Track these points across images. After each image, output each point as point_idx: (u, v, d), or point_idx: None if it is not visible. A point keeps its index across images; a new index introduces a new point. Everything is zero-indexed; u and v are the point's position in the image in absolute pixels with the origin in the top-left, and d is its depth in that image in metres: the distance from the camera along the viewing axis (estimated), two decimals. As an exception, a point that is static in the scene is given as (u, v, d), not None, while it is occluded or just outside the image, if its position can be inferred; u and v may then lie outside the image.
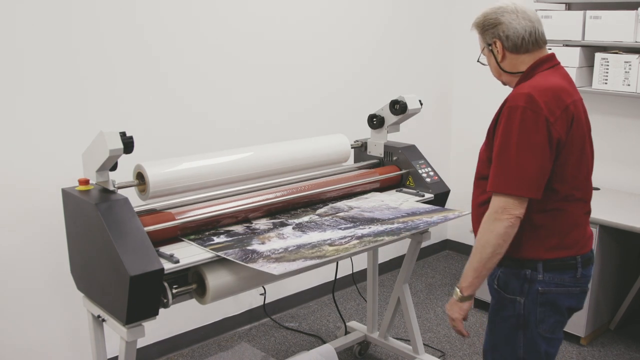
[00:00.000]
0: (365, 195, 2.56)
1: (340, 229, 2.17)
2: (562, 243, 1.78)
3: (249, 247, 1.98)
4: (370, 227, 2.18)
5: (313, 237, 2.09)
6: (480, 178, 1.85)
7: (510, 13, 1.78)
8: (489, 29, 1.81)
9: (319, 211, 2.37)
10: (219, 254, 1.91)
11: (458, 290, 1.82)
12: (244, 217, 2.22)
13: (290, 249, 1.97)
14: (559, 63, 1.84)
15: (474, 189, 1.91)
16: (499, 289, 1.86)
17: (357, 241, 2.04)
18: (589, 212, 1.88)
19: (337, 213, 2.34)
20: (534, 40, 1.79)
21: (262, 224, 2.22)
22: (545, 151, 1.67)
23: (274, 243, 2.03)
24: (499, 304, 1.87)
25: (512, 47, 1.79)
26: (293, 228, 2.18)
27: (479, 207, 1.86)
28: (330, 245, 2.01)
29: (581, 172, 1.79)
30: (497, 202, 1.70)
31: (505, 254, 1.76)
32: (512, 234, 1.70)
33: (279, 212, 2.33)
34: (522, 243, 1.77)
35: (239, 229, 2.16)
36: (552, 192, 1.74)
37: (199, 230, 2.10)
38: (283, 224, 2.22)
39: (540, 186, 1.69)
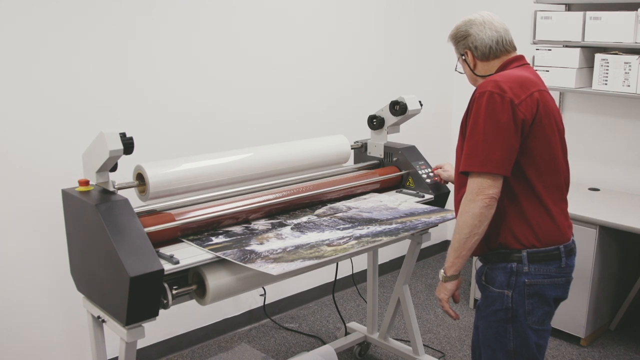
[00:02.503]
0: (363, 196, 2.56)
1: (338, 229, 2.17)
2: (544, 229, 1.83)
3: (247, 248, 1.98)
4: (368, 228, 2.18)
5: (311, 237, 2.09)
6: (461, 173, 1.90)
7: (478, 25, 1.92)
8: (460, 40, 1.96)
9: (318, 211, 2.37)
10: (217, 254, 1.91)
11: (442, 271, 1.90)
12: (245, 218, 2.22)
13: (288, 250, 1.97)
14: (527, 63, 1.95)
15: (455, 183, 1.99)
16: (487, 284, 1.91)
17: (356, 241, 2.04)
18: (565, 201, 1.93)
19: (335, 213, 2.34)
20: (502, 48, 1.92)
21: (260, 224, 2.22)
22: (510, 130, 1.74)
23: (272, 243, 2.03)
24: (487, 299, 1.91)
25: (481, 55, 1.93)
26: (291, 228, 2.18)
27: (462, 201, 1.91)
28: (328, 245, 2.01)
29: (553, 157, 1.84)
30: (471, 183, 1.77)
31: (487, 246, 1.86)
32: (488, 215, 1.77)
33: (278, 212, 2.33)
34: (504, 234, 1.83)
35: (237, 229, 2.16)
36: (524, 178, 1.80)
37: (199, 231, 2.10)
38: (282, 225, 2.22)
39: (510, 164, 1.76)
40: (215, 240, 2.04)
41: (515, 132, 1.75)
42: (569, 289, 1.93)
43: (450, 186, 2.70)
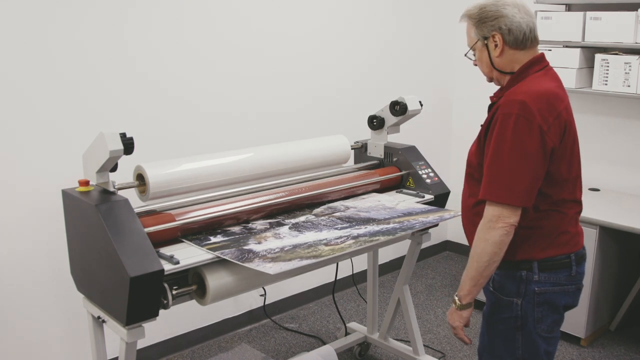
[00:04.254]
0: (362, 196, 2.56)
1: (336, 228, 2.17)
2: (555, 242, 1.78)
3: (245, 247, 1.98)
4: (366, 227, 2.18)
5: (309, 236, 2.09)
6: (471, 179, 1.85)
7: (512, 6, 1.74)
8: (488, 21, 1.75)
9: (316, 211, 2.37)
10: (215, 253, 1.91)
11: (457, 298, 1.82)
12: (245, 218, 2.22)
13: (286, 249, 1.98)
14: (548, 64, 1.82)
15: (464, 189, 1.90)
16: (495, 291, 1.86)
17: (353, 241, 2.04)
18: (580, 211, 1.87)
19: (333, 213, 2.34)
20: (533, 37, 1.77)
21: (258, 223, 2.22)
22: (538, 159, 1.66)
23: (270, 243, 2.03)
24: (495, 306, 1.87)
25: (513, 41, 1.75)
26: (289, 228, 2.18)
27: (471, 209, 1.85)
28: (326, 245, 2.01)
29: (571, 174, 1.78)
30: (491, 210, 1.70)
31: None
32: (507, 241, 1.70)
33: (277, 212, 2.33)
34: (516, 246, 1.77)
35: (235, 228, 2.16)
36: (544, 195, 1.73)
37: (200, 231, 2.10)
38: (280, 224, 2.22)
39: (533, 195, 1.69)
40: (213, 239, 2.04)
41: (543, 161, 1.66)
42: (579, 296, 1.88)
43: (451, 187, 2.70)
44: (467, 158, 1.87)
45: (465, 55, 1.90)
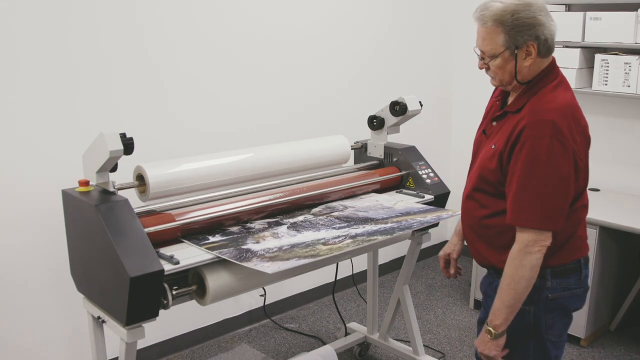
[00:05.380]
0: (360, 195, 2.56)
1: (334, 228, 2.17)
2: (568, 247, 1.77)
3: (243, 246, 1.98)
4: (364, 227, 2.18)
5: (307, 236, 2.09)
6: (483, 193, 1.79)
7: (545, 12, 1.62)
8: (525, 29, 1.60)
9: (314, 210, 2.37)
10: (214, 253, 1.91)
11: (491, 329, 1.73)
12: (247, 219, 2.22)
13: (284, 248, 1.98)
14: (560, 70, 1.77)
15: (470, 203, 1.83)
16: None
17: (351, 240, 2.04)
18: (587, 211, 1.85)
19: (331, 212, 2.34)
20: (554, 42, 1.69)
21: (257, 223, 2.22)
22: (571, 182, 1.64)
23: (268, 242, 2.03)
24: None
25: (546, 50, 1.65)
26: (288, 227, 2.18)
27: (479, 221, 1.82)
28: (324, 244, 2.01)
29: (587, 179, 1.78)
30: (526, 236, 1.65)
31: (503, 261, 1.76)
32: (540, 263, 1.67)
33: (276, 212, 2.33)
34: None
35: (234, 228, 2.16)
36: None
37: (200, 232, 2.10)
38: (278, 223, 2.22)
39: (565, 215, 1.66)
40: (211, 239, 2.04)
41: (575, 182, 1.64)
42: (586, 297, 1.87)
43: (451, 187, 2.70)
44: (480, 172, 1.79)
45: (485, 62, 1.71)
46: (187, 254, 1.91)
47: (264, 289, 3.24)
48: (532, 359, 1.81)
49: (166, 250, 1.92)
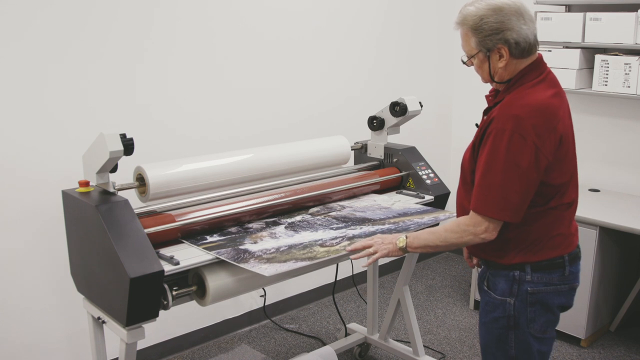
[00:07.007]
0: (359, 195, 2.56)
1: (332, 229, 2.17)
2: (548, 245, 1.78)
3: (241, 247, 1.98)
4: (361, 228, 2.18)
5: (305, 237, 2.09)
6: (466, 184, 1.84)
7: (516, 15, 1.66)
8: (492, 34, 1.67)
9: (312, 210, 2.37)
10: (211, 253, 1.91)
11: (406, 245, 1.86)
12: (247, 220, 2.22)
13: (281, 249, 1.98)
14: (547, 68, 1.76)
15: (461, 192, 1.88)
16: (489, 290, 1.86)
17: (348, 242, 2.04)
18: (574, 210, 1.85)
19: (329, 212, 2.34)
20: (536, 42, 1.72)
21: (254, 222, 2.22)
22: (531, 177, 1.65)
23: (266, 243, 2.03)
24: (489, 305, 1.87)
25: (519, 52, 1.69)
26: (285, 227, 2.18)
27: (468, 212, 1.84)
28: (321, 246, 2.01)
29: (564, 179, 1.75)
30: (479, 220, 1.70)
31: (492, 259, 1.81)
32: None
33: (275, 212, 2.33)
34: (509, 250, 1.78)
35: (231, 227, 2.16)
36: (536, 202, 1.72)
37: (200, 232, 2.10)
38: (276, 223, 2.22)
39: (522, 210, 1.69)
40: (209, 239, 2.04)
41: (536, 178, 1.65)
42: (574, 296, 1.88)
43: (451, 188, 2.70)
44: (462, 161, 1.88)
45: (464, 62, 1.81)
46: (187, 255, 1.91)
47: (264, 290, 3.24)
48: (514, 351, 1.83)
49: (166, 251, 1.92)
